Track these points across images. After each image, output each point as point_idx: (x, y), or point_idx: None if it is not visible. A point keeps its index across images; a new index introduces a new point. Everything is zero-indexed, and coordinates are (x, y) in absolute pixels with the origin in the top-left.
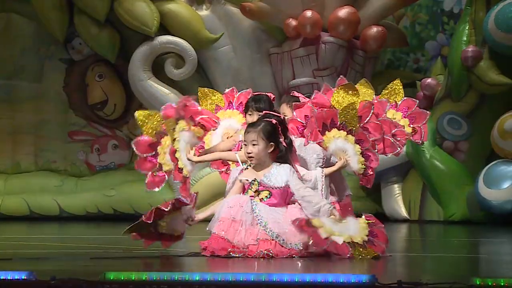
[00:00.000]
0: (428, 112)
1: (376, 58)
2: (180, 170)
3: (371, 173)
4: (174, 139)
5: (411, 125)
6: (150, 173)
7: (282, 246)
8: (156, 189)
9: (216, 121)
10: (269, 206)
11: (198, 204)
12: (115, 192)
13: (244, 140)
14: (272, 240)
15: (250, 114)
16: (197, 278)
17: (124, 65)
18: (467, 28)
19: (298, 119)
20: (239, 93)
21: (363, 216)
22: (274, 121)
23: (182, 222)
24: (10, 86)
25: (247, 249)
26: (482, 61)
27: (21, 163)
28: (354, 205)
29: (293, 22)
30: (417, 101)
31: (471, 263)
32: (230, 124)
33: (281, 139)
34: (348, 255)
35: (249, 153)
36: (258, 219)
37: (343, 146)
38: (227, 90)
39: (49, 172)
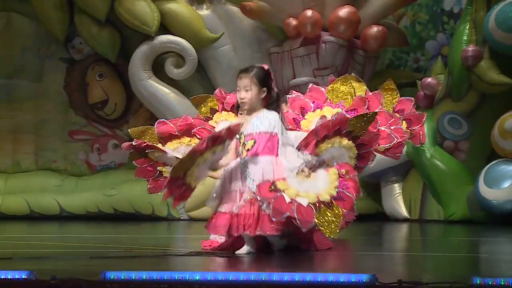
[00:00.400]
0: (424, 113)
1: (376, 58)
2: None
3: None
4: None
5: (409, 129)
6: (151, 179)
7: (265, 212)
8: (159, 193)
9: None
10: (254, 155)
11: (197, 203)
12: (115, 192)
13: (237, 86)
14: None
15: (241, 113)
16: (197, 278)
17: (124, 65)
18: (467, 27)
19: (294, 112)
20: (229, 95)
21: (335, 166)
22: (266, 67)
23: (205, 170)
24: (10, 85)
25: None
26: (483, 61)
27: (21, 163)
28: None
29: (293, 22)
30: (413, 100)
31: (472, 263)
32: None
33: (272, 85)
34: (311, 225)
35: (242, 98)
36: (247, 175)
37: (338, 153)
38: (216, 92)
39: (50, 172)
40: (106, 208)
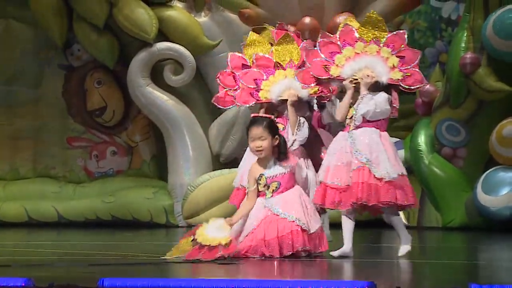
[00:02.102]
0: (418, 51)
1: None
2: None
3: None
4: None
5: (402, 68)
6: (225, 90)
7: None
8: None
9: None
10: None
11: (197, 210)
12: (113, 199)
13: (250, 136)
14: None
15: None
16: (193, 285)
17: (123, 71)
18: (465, 34)
19: (325, 58)
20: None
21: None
22: (272, 117)
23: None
24: (9, 91)
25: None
26: (481, 68)
27: (19, 169)
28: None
29: (291, 29)
30: (406, 34)
31: (470, 270)
32: (289, 83)
33: (279, 132)
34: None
35: (259, 147)
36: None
37: (361, 64)
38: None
39: (48, 178)
40: (104, 215)
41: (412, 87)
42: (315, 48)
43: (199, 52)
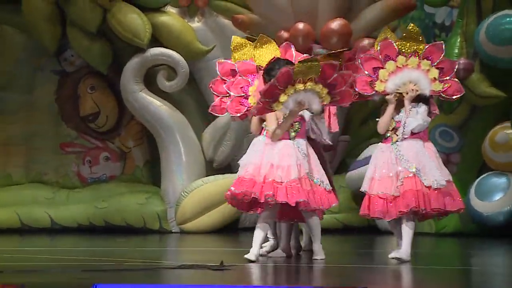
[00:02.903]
0: (455, 61)
1: None
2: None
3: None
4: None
5: (441, 79)
6: (219, 98)
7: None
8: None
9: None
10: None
11: (190, 215)
12: (106, 204)
13: None
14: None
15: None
16: None
17: (116, 77)
18: (458, 40)
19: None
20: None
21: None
22: None
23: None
24: (2, 97)
25: None
26: (474, 74)
27: (12, 175)
28: (346, 217)
29: (285, 34)
30: (443, 44)
31: (464, 275)
32: None
33: None
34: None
35: None
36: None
37: (404, 78)
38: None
39: (41, 184)
40: (97, 220)
41: (453, 97)
42: (356, 63)
43: (193, 57)
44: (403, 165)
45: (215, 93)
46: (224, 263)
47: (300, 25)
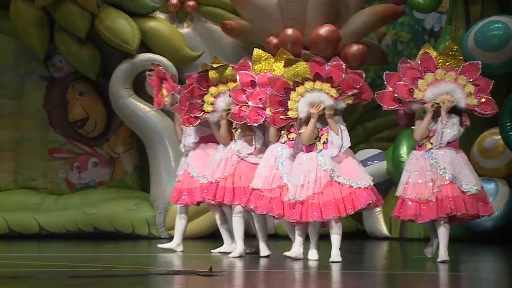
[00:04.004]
0: (491, 80)
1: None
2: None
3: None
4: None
5: (477, 95)
6: (238, 107)
7: None
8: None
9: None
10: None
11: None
12: (95, 210)
13: None
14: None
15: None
16: None
17: (105, 83)
18: None
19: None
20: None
21: None
22: None
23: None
24: None
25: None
26: None
27: (0, 181)
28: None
29: (274, 40)
30: (480, 64)
31: (452, 281)
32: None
33: None
34: None
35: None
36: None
37: (441, 90)
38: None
39: (29, 190)
40: (86, 226)
41: (487, 113)
42: (396, 73)
43: (182, 63)
44: (439, 172)
45: (235, 101)
46: (213, 269)
47: (289, 31)
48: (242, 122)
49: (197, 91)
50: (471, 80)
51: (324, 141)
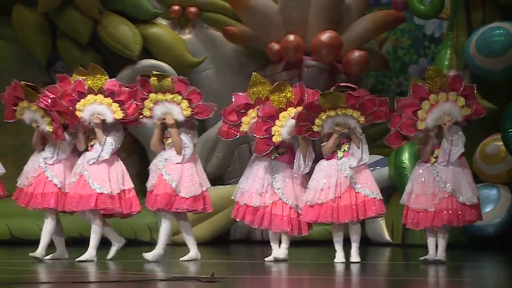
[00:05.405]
0: (473, 85)
1: (358, 82)
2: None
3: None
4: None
5: (468, 103)
6: (227, 125)
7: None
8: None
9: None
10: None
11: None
12: None
13: None
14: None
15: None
16: None
17: None
18: (448, 52)
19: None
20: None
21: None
22: None
23: None
24: None
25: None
26: None
27: None
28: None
29: (275, 46)
30: (460, 74)
31: (454, 287)
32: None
33: None
34: None
35: None
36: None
37: (439, 112)
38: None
39: None
40: (88, 232)
41: (481, 116)
42: (397, 114)
43: (183, 69)
44: (440, 185)
45: (225, 120)
46: (215, 275)
47: (291, 37)
48: (229, 139)
49: (139, 94)
50: (460, 92)
51: (344, 149)
